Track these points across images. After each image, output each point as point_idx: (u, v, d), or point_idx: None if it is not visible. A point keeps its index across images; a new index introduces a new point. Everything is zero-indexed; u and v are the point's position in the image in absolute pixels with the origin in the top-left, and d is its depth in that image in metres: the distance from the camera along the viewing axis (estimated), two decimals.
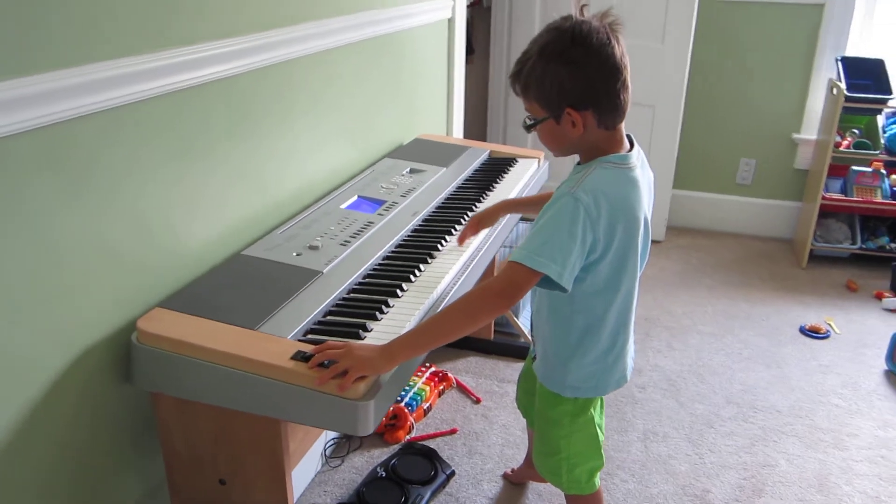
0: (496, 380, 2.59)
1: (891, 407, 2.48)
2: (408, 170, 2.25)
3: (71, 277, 1.29)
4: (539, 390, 1.56)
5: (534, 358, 1.60)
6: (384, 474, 2.04)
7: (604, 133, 1.35)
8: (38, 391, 1.26)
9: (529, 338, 2.12)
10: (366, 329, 1.41)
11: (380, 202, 1.99)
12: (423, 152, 2.45)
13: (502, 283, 1.28)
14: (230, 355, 1.29)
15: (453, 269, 1.71)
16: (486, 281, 1.29)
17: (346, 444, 2.20)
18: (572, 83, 1.29)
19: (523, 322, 2.80)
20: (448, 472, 2.09)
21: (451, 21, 2.94)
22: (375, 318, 1.46)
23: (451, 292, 1.64)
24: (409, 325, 1.45)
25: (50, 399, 1.29)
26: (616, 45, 1.30)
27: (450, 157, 2.42)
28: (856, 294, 3.27)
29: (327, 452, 2.15)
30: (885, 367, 2.68)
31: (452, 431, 2.31)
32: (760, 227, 3.80)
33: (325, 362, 1.25)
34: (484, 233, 1.88)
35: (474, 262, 1.81)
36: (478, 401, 2.47)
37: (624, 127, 1.39)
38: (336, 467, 2.13)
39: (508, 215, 1.98)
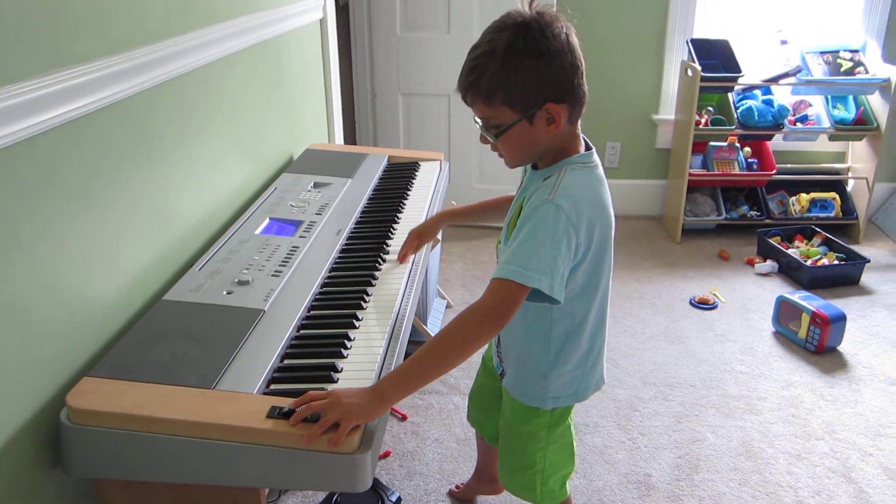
0: (416, 392, 2.48)
1: (787, 366, 2.64)
2: (312, 184, 2.09)
3: None
4: (512, 407, 1.47)
5: (501, 375, 1.51)
6: None
7: (569, 130, 1.29)
8: None
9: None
10: (336, 369, 1.27)
11: (295, 223, 1.83)
12: (321, 164, 2.29)
13: (493, 303, 1.18)
14: (194, 424, 1.10)
15: (402, 284, 1.60)
16: (475, 303, 1.19)
17: None
18: (550, 75, 1.21)
19: (430, 328, 2.72)
20: (395, 500, 1.97)
21: (322, 22, 2.78)
22: (342, 356, 1.31)
23: (409, 307, 1.53)
24: (381, 354, 1.33)
25: None
26: (572, 34, 1.25)
27: (350, 166, 2.27)
28: (729, 262, 3.46)
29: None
30: (773, 329, 2.85)
31: (386, 454, 2.19)
32: (631, 207, 3.94)
33: (309, 416, 1.11)
34: (425, 247, 1.77)
35: (419, 271, 1.71)
36: (404, 418, 2.36)
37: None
38: None
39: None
